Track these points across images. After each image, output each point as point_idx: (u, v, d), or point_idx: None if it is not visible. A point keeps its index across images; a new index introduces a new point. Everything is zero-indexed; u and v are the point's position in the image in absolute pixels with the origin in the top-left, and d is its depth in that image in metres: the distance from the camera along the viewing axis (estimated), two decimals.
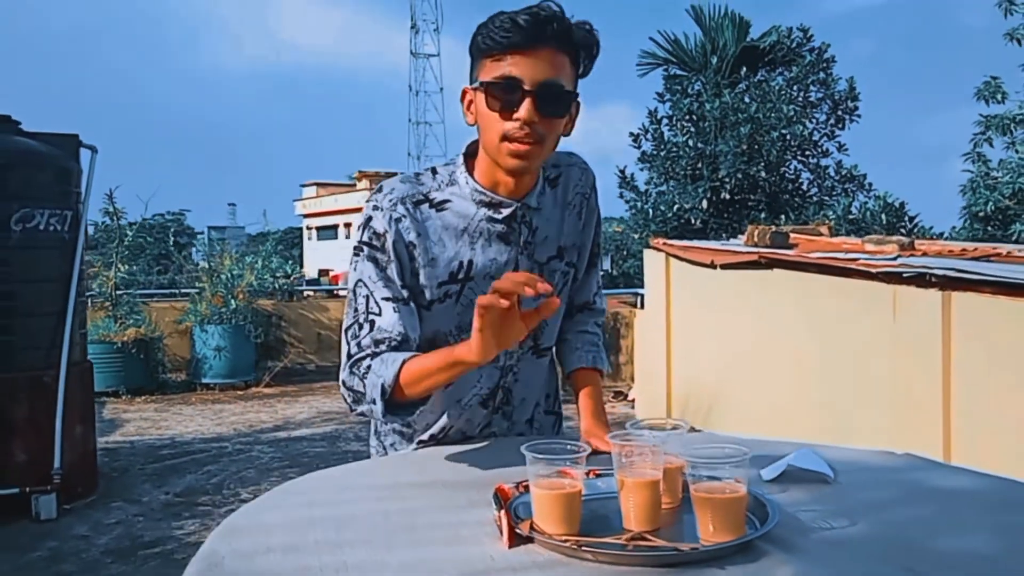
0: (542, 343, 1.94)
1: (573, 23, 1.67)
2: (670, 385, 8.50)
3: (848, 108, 16.71)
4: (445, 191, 1.79)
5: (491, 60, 1.65)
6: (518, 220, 1.81)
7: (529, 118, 1.63)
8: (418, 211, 1.75)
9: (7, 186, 5.48)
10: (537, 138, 1.67)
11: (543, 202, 1.86)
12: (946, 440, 5.32)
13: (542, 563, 1.20)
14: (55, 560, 4.82)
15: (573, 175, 1.92)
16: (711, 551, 1.22)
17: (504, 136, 1.66)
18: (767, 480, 1.60)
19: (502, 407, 1.93)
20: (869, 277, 5.80)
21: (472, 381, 1.86)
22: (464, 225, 1.77)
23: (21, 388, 5.51)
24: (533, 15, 1.61)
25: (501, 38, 1.62)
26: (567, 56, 1.67)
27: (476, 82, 1.69)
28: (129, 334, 10.35)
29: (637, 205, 16.84)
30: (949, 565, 1.20)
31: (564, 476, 1.32)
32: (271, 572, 1.19)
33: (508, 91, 1.63)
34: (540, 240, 1.85)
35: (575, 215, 1.92)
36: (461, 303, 1.78)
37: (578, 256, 1.96)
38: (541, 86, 1.63)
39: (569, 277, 1.95)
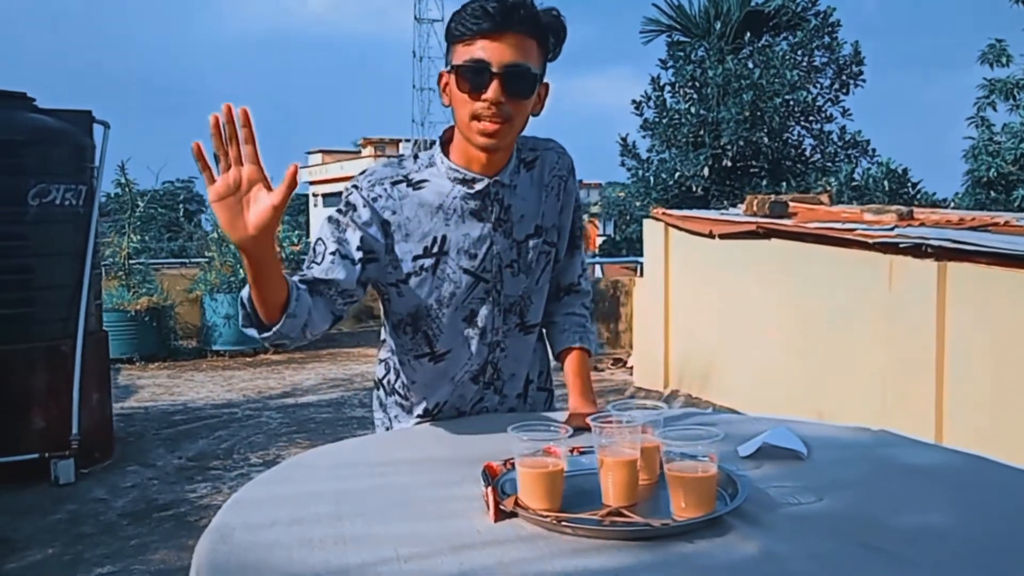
0: (528, 320, 2.02)
1: (540, 9, 1.79)
2: (668, 353, 8.60)
3: (853, 73, 16.63)
4: (424, 172, 1.90)
5: (463, 45, 1.76)
6: (491, 197, 1.90)
7: (496, 98, 1.74)
8: (395, 190, 1.86)
9: (24, 162, 5.59)
10: (505, 117, 1.77)
11: (518, 181, 1.94)
12: (938, 409, 5.42)
13: (525, 536, 1.31)
14: (74, 522, 4.98)
15: (549, 159, 2.01)
16: (681, 526, 1.32)
17: (474, 115, 1.77)
18: (743, 457, 1.69)
19: (492, 382, 2.02)
20: (866, 247, 5.87)
21: (463, 359, 1.96)
22: (440, 202, 1.87)
23: (40, 358, 5.65)
24: (501, 2, 1.72)
25: (472, 24, 1.73)
26: (534, 40, 1.78)
27: (449, 66, 1.80)
28: (142, 303, 10.52)
29: (638, 173, 16.83)
30: (903, 539, 1.30)
31: (548, 455, 1.42)
32: (276, 543, 1.30)
33: (477, 73, 1.74)
34: (516, 218, 1.93)
35: (553, 197, 2.01)
36: (437, 276, 1.88)
37: (558, 236, 2.04)
38: (508, 68, 1.73)
39: (550, 257, 2.02)
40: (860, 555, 1.24)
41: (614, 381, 9.63)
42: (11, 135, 5.59)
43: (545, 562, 1.23)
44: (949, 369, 5.38)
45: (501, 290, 1.95)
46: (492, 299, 1.94)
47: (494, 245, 1.91)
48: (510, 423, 1.46)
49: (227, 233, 1.52)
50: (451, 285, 1.90)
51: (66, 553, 4.55)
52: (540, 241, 1.98)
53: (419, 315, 1.92)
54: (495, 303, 1.95)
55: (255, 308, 1.65)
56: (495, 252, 1.92)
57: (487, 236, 1.90)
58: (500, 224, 1.92)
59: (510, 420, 1.50)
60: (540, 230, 1.98)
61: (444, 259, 1.88)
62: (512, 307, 1.98)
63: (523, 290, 1.98)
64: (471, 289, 1.92)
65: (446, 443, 1.81)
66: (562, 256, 2.09)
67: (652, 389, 8.77)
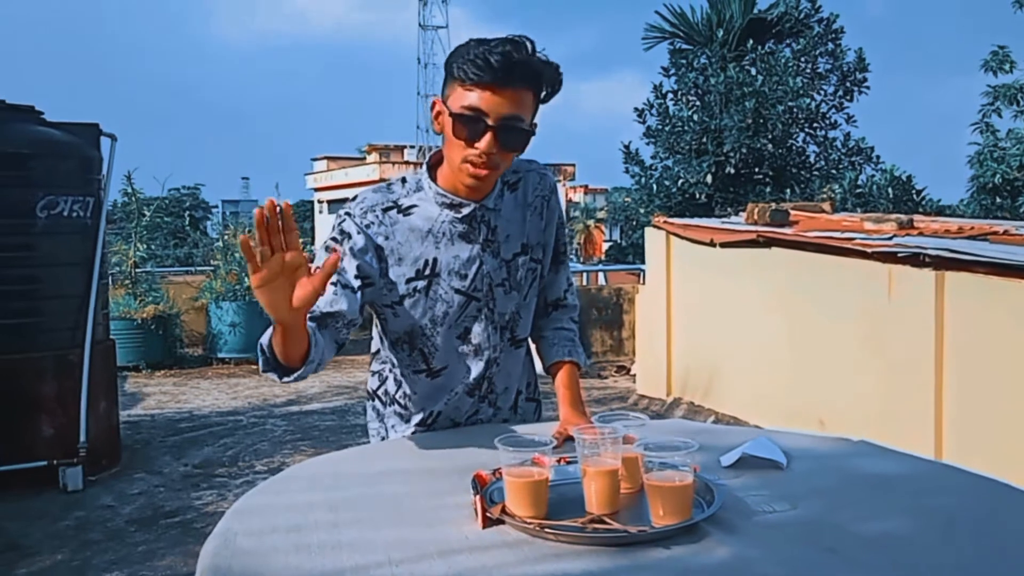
0: (518, 334, 2.11)
1: (542, 61, 1.84)
2: (670, 361, 8.65)
3: (857, 80, 16.67)
4: (412, 197, 1.98)
5: (462, 87, 1.81)
6: (478, 220, 1.98)
7: (488, 150, 1.81)
8: (387, 216, 1.94)
9: (32, 175, 5.69)
10: (493, 165, 1.86)
11: (502, 204, 2.03)
12: (938, 419, 5.47)
13: (510, 542, 1.38)
14: (82, 529, 5.06)
15: (532, 180, 2.10)
16: (658, 532, 1.38)
17: (465, 159, 1.85)
18: (725, 466, 1.76)
19: (487, 396, 2.10)
20: (865, 256, 5.92)
21: (460, 374, 2.05)
22: (429, 227, 1.96)
23: (48, 367, 5.75)
24: (506, 56, 1.77)
25: (473, 74, 1.78)
26: (531, 92, 1.84)
27: (446, 100, 1.86)
28: (148, 311, 10.61)
29: (642, 180, 16.90)
30: (867, 545, 1.37)
31: (536, 464, 1.49)
32: (275, 549, 1.37)
33: (473, 123, 1.80)
34: (503, 239, 2.02)
35: (537, 215, 2.09)
36: (430, 297, 1.97)
37: (543, 253, 2.13)
38: (503, 122, 1.80)
39: (536, 273, 2.11)
40: (824, 559, 1.31)
41: (617, 389, 9.68)
42: (19, 148, 5.69)
43: (528, 566, 1.30)
44: (948, 378, 5.43)
45: (494, 308, 2.03)
46: (486, 316, 2.02)
47: (483, 265, 1.99)
48: (501, 434, 1.53)
49: (269, 313, 1.59)
50: (444, 305, 1.98)
51: (74, 559, 4.62)
52: (527, 258, 2.07)
53: (414, 334, 2.00)
54: (489, 320, 2.03)
55: (276, 358, 1.71)
56: (485, 271, 1.99)
57: (476, 257, 1.98)
58: (488, 245, 2.00)
59: (501, 431, 1.57)
60: (526, 248, 2.06)
61: (436, 280, 1.96)
62: (507, 324, 2.06)
63: (515, 307, 2.06)
64: (463, 308, 2.00)
65: (439, 454, 1.88)
66: (546, 271, 2.17)
67: (655, 397, 8.83)
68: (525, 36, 1.83)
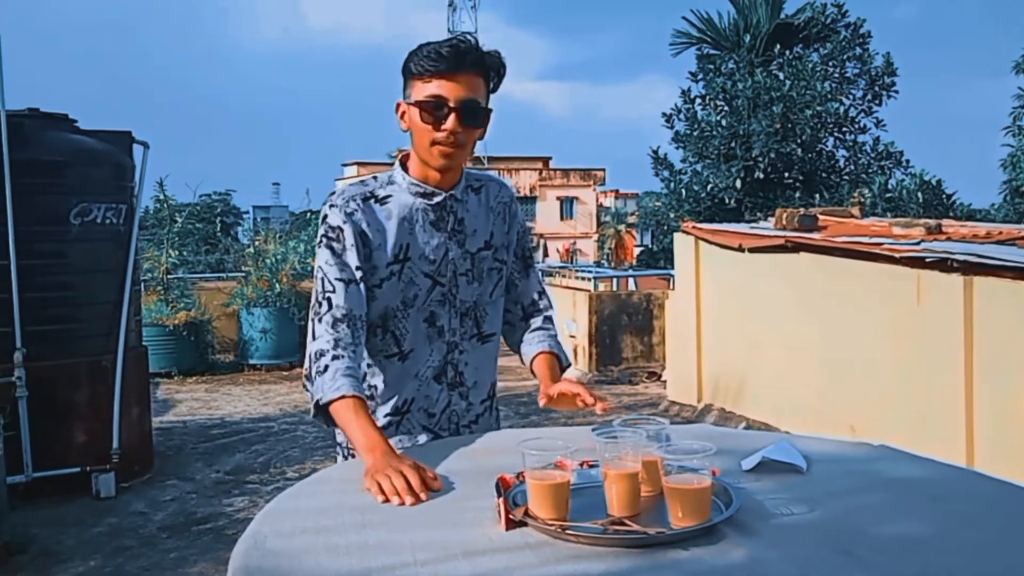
0: (484, 329, 2.24)
1: (485, 52, 2.06)
2: (700, 367, 8.64)
3: (885, 84, 16.58)
4: (387, 188, 2.16)
5: (421, 81, 2.03)
6: (447, 209, 2.16)
7: (454, 128, 2.02)
8: (367, 205, 2.11)
9: (66, 182, 5.81)
10: (460, 143, 2.06)
11: (468, 199, 2.21)
12: (968, 424, 5.44)
13: (533, 544, 1.41)
14: (115, 535, 5.13)
15: (493, 188, 2.28)
16: (676, 534, 1.41)
17: (434, 142, 2.04)
18: (745, 470, 1.78)
19: (457, 386, 2.21)
20: (893, 261, 5.90)
21: (424, 355, 2.17)
22: (404, 214, 2.12)
23: (82, 373, 5.84)
24: (454, 47, 2.00)
25: (429, 65, 2.00)
26: (481, 77, 2.06)
27: (409, 99, 2.06)
28: (180, 317, 10.74)
29: (671, 185, 16.89)
30: (882, 548, 1.39)
31: (558, 468, 1.53)
32: (305, 549, 1.42)
33: (437, 108, 2.01)
34: (470, 232, 2.19)
35: (500, 219, 2.27)
36: (403, 280, 2.12)
37: (507, 254, 2.28)
38: (463, 103, 2.01)
39: (501, 273, 2.27)
40: (838, 561, 1.33)
41: (648, 395, 9.68)
42: (54, 156, 5.80)
43: (550, 567, 1.33)
44: (978, 384, 5.40)
45: (456, 295, 2.17)
46: (448, 302, 2.16)
47: (449, 252, 2.15)
48: (524, 439, 1.57)
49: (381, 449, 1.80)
50: (414, 288, 2.13)
51: (107, 566, 4.69)
52: (490, 255, 2.23)
53: (388, 316, 2.13)
54: (451, 306, 2.17)
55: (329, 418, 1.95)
56: (450, 259, 2.15)
57: (443, 244, 2.15)
58: (455, 234, 2.17)
59: (524, 436, 1.60)
60: (490, 245, 2.23)
61: (408, 264, 2.12)
62: (468, 312, 2.20)
63: (476, 297, 2.21)
64: (430, 292, 2.14)
65: (464, 458, 1.92)
66: (510, 272, 2.32)
67: (686, 403, 8.82)
68: (469, 33, 2.09)
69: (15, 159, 5.55)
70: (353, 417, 1.88)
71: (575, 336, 11.10)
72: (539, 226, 49.02)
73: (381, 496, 1.62)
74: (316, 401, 1.94)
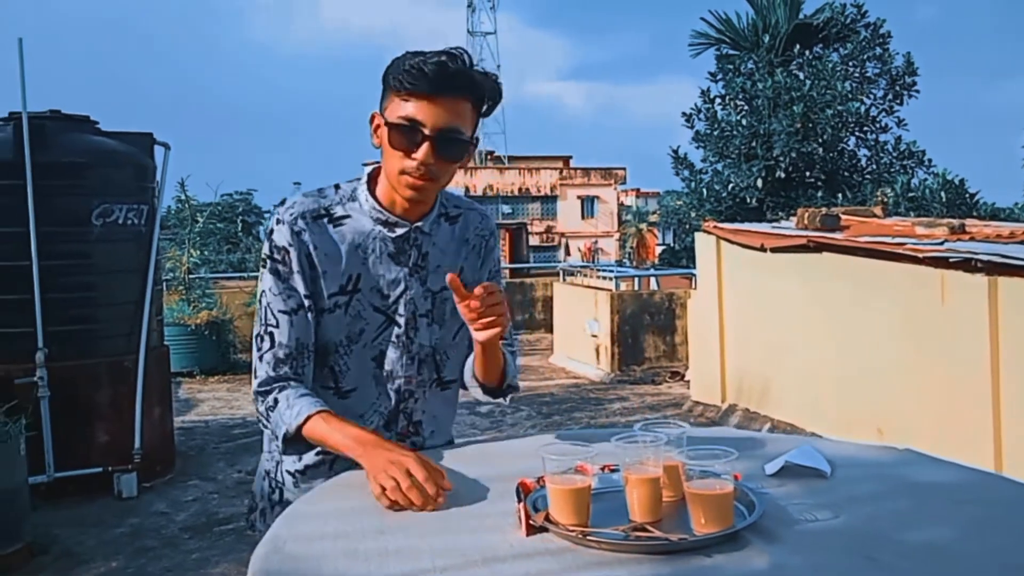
0: (445, 375, 2.03)
1: (478, 72, 1.81)
2: (724, 367, 8.60)
3: (906, 84, 16.50)
4: (346, 206, 1.90)
5: (399, 97, 1.77)
6: (410, 242, 1.92)
7: (426, 160, 1.77)
8: (316, 224, 1.86)
9: (88, 183, 5.86)
10: (432, 176, 1.81)
11: (437, 231, 1.97)
12: (996, 425, 5.38)
13: (554, 550, 1.40)
14: (137, 536, 5.15)
15: (473, 219, 2.03)
16: (699, 541, 1.39)
17: (403, 171, 1.80)
18: (769, 475, 1.76)
19: (410, 435, 1.99)
20: (916, 261, 5.86)
21: (370, 398, 1.95)
22: (359, 241, 1.88)
23: (103, 373, 5.88)
24: (441, 66, 1.74)
25: (409, 82, 1.74)
26: (469, 103, 1.81)
27: (383, 112, 1.82)
28: (202, 317, 10.79)
29: (692, 184, 16.86)
30: (906, 554, 1.37)
31: (579, 472, 1.51)
32: (324, 554, 1.41)
33: (410, 133, 1.76)
34: (433, 267, 1.95)
35: (475, 254, 2.03)
36: (349, 314, 1.89)
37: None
38: (441, 132, 1.76)
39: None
40: (862, 568, 1.31)
41: (672, 395, 9.65)
42: (76, 157, 5.85)
43: (571, 574, 1.32)
44: (1005, 386, 5.35)
45: (414, 338, 1.95)
46: (403, 345, 1.94)
47: (408, 290, 1.92)
48: (545, 443, 1.55)
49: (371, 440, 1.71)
50: (361, 322, 1.90)
51: (129, 566, 4.71)
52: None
53: (328, 350, 1.91)
54: (406, 350, 1.95)
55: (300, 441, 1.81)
56: (409, 297, 1.93)
57: (401, 280, 1.92)
58: (416, 270, 1.93)
59: (544, 440, 1.58)
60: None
61: (357, 296, 1.89)
62: (426, 358, 1.98)
63: (436, 341, 1.98)
64: (382, 329, 1.92)
65: (484, 462, 1.90)
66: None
67: (710, 403, 8.78)
68: (462, 48, 1.80)
69: (37, 161, 5.59)
70: (326, 427, 1.75)
71: (596, 336, 11.09)
72: (560, 225, 49.01)
73: (387, 500, 1.55)
74: (284, 435, 1.78)
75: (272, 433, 1.84)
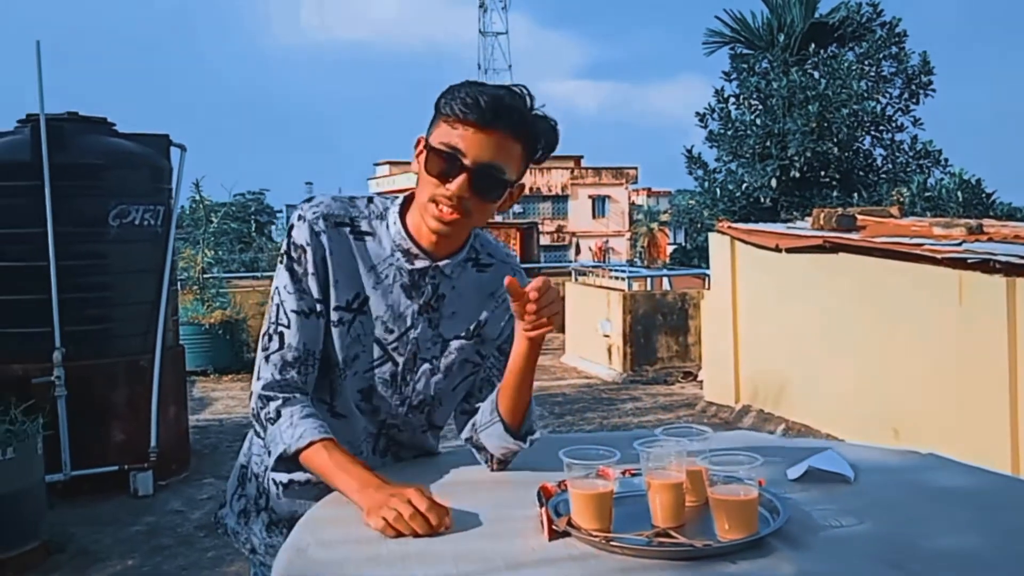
0: (436, 421, 1.94)
1: (538, 115, 1.69)
2: (738, 367, 8.58)
3: (922, 83, 16.42)
4: (372, 223, 1.79)
5: (447, 124, 1.66)
6: (427, 279, 1.79)
7: (459, 192, 1.65)
8: (337, 231, 1.76)
9: (105, 185, 5.88)
10: (464, 211, 1.68)
11: (461, 275, 1.83)
12: (1013, 427, 5.35)
13: (576, 556, 1.39)
14: (152, 534, 5.17)
15: (505, 273, 1.78)
16: (724, 547, 1.38)
17: (433, 199, 1.68)
18: (792, 479, 1.75)
19: (390, 450, 1.93)
20: (934, 262, 5.83)
21: (358, 428, 1.86)
22: (375, 263, 1.78)
23: (120, 373, 5.91)
24: (497, 99, 1.64)
25: (459, 110, 1.63)
26: (520, 143, 1.69)
27: (428, 137, 1.71)
28: (216, 316, 10.83)
29: (705, 184, 16.82)
30: (936, 563, 1.36)
31: (601, 476, 1.49)
32: (347, 559, 1.41)
33: (448, 160, 1.65)
34: (447, 313, 1.82)
35: (503, 310, 1.86)
36: (351, 334, 1.77)
37: (498, 351, 1.88)
38: (480, 166, 1.64)
39: (478, 370, 1.89)
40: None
41: (684, 395, 9.63)
42: (93, 159, 5.87)
43: None
44: (1023, 386, 5.32)
45: (410, 381, 1.84)
46: (397, 387, 1.84)
47: (413, 329, 1.80)
48: (565, 446, 1.54)
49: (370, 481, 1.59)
50: (359, 347, 1.79)
51: (145, 564, 4.73)
52: (470, 346, 1.86)
53: (330, 364, 1.80)
54: (398, 391, 1.84)
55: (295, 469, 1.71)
56: (412, 337, 1.81)
57: (408, 315, 1.79)
58: (427, 309, 1.80)
59: (566, 443, 1.57)
60: (472, 335, 1.86)
61: (361, 319, 1.78)
62: (419, 405, 1.87)
63: (436, 391, 1.86)
64: (377, 363, 1.81)
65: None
66: (496, 376, 1.87)
67: (723, 404, 8.75)
68: (525, 87, 1.70)
69: (55, 162, 5.62)
70: (329, 460, 1.64)
71: (609, 336, 11.07)
72: (571, 225, 48.95)
73: (391, 531, 1.46)
74: (280, 454, 1.67)
75: (265, 444, 1.74)
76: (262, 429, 1.74)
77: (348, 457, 1.65)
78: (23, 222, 5.66)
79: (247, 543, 2.00)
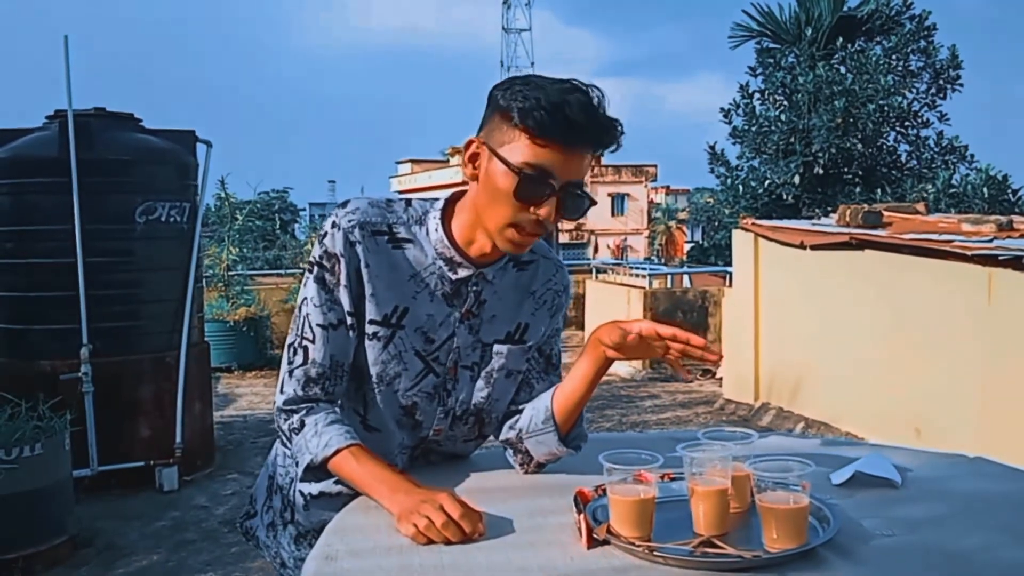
0: (486, 431, 1.85)
1: (612, 123, 1.56)
2: (758, 365, 8.50)
3: (950, 77, 16.21)
4: (411, 229, 1.68)
5: (527, 138, 1.51)
6: (469, 286, 1.70)
7: (549, 216, 1.54)
8: (373, 241, 1.65)
9: (131, 181, 5.87)
10: (546, 232, 1.61)
11: (502, 278, 1.74)
12: None
13: (618, 566, 1.33)
14: (177, 529, 5.17)
15: (546, 269, 1.80)
16: (773, 558, 1.33)
17: (514, 223, 1.56)
18: (836, 484, 1.69)
19: (428, 455, 1.86)
20: (964, 259, 5.74)
21: (394, 443, 1.78)
22: (414, 272, 1.67)
23: (146, 369, 5.91)
24: (592, 119, 1.52)
25: (551, 127, 1.49)
26: (594, 154, 1.59)
27: (497, 145, 1.55)
28: (240, 313, 10.85)
29: (727, 181, 16.68)
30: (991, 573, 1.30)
31: (639, 481, 1.44)
32: (378, 568, 1.36)
33: (539, 184, 1.52)
34: (487, 317, 1.74)
35: (545, 311, 1.80)
36: (388, 351, 1.68)
37: (537, 352, 1.83)
38: (570, 187, 1.54)
39: (519, 375, 1.81)
40: None
41: (703, 392, 9.56)
42: (119, 155, 5.86)
43: None
44: None
45: (452, 391, 1.75)
46: (439, 399, 1.75)
47: (455, 337, 1.71)
48: (602, 450, 1.49)
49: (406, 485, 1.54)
50: (400, 366, 1.69)
51: (170, 559, 4.72)
52: (516, 352, 1.78)
53: (362, 377, 1.71)
54: (441, 402, 1.76)
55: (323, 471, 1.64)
56: (454, 346, 1.72)
57: (450, 324, 1.70)
58: (469, 316, 1.72)
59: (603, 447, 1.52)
60: (514, 338, 1.77)
61: (399, 333, 1.68)
62: (463, 415, 1.78)
63: (480, 399, 1.77)
64: (419, 378, 1.72)
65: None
66: (534, 377, 1.83)
67: (742, 401, 8.68)
68: (596, 88, 1.55)
69: (82, 158, 5.61)
70: (358, 467, 1.58)
71: None
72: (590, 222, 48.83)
73: (423, 538, 1.40)
74: (308, 464, 1.61)
75: (292, 456, 1.68)
76: (288, 441, 1.68)
77: (377, 461, 1.60)
78: (51, 219, 5.66)
79: (277, 557, 1.97)
